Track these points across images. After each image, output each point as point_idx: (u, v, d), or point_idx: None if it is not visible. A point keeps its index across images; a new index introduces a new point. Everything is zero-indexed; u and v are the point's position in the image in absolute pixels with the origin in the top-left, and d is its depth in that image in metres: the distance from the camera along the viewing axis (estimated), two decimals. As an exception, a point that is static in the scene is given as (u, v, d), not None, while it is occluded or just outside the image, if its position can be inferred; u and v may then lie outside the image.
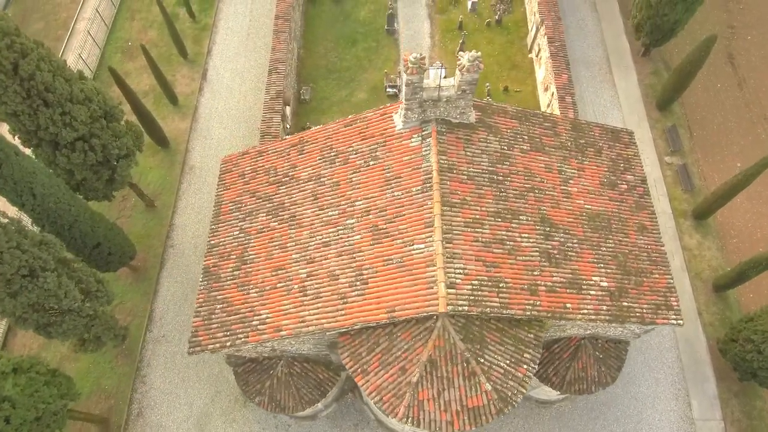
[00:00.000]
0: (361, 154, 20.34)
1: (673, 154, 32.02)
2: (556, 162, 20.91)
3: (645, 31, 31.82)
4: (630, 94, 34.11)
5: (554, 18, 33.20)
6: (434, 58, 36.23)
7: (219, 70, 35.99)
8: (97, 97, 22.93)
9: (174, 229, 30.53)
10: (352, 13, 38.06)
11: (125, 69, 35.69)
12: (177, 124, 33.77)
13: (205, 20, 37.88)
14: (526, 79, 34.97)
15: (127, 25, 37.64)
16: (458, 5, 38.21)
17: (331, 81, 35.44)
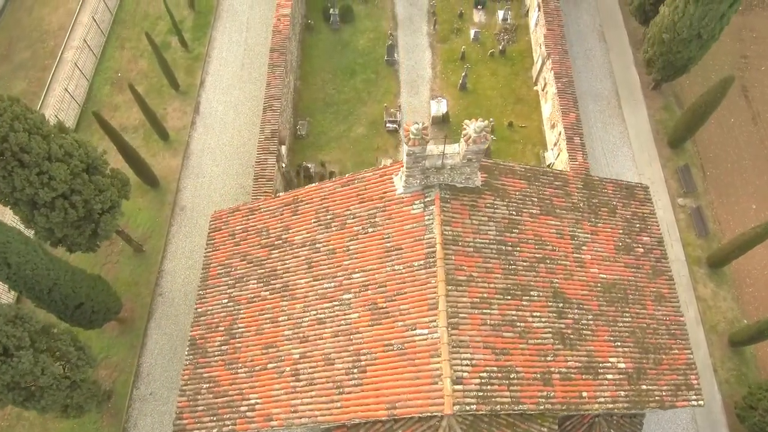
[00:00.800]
0: (359, 219, 18.95)
1: (686, 196, 30.64)
2: (568, 226, 19.52)
3: (657, 66, 30.46)
4: (640, 131, 32.73)
5: (561, 52, 31.85)
6: (435, 90, 34.88)
7: (212, 102, 34.59)
8: (78, 151, 21.52)
9: (163, 275, 29.09)
10: (350, 42, 36.70)
11: (114, 102, 34.31)
12: (168, 162, 32.35)
13: (198, 49, 36.50)
14: (531, 114, 33.60)
15: (116, 55, 36.24)
16: (460, 34, 36.86)
17: (329, 115, 34.06)
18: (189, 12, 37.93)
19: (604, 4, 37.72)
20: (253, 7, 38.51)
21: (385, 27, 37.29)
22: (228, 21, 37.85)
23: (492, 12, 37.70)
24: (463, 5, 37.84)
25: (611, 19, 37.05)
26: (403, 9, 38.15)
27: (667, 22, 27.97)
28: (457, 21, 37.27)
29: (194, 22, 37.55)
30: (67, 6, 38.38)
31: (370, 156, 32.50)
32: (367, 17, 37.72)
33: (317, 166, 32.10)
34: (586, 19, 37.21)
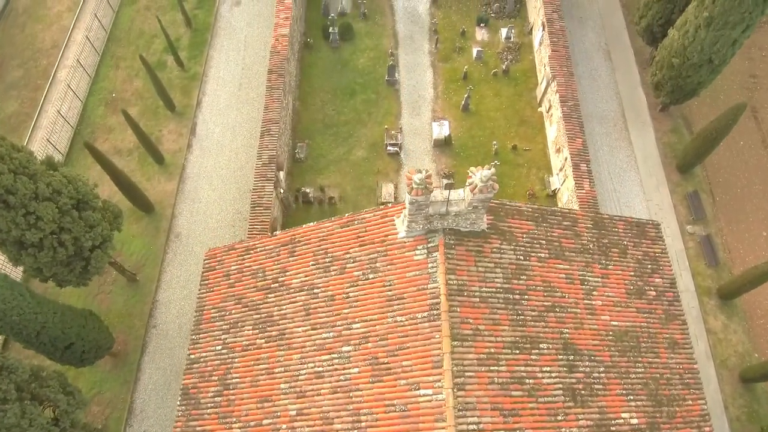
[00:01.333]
0: (359, 264, 18.12)
1: (695, 223, 29.81)
2: (578, 270, 18.70)
3: (665, 90, 29.65)
4: (648, 154, 31.90)
5: (566, 74, 31.05)
6: (437, 111, 34.05)
7: (209, 124, 33.76)
8: (67, 188, 20.70)
9: (157, 306, 28.24)
10: (350, 61, 35.87)
11: (108, 124, 33.48)
12: (163, 186, 31.51)
13: (195, 69, 35.67)
14: (536, 136, 32.77)
15: (111, 74, 35.40)
16: (462, 53, 36.04)
17: (328, 137, 33.24)
18: (185, 30, 37.12)
19: (610, 22, 36.91)
20: (251, 25, 37.69)
21: (386, 45, 36.49)
22: (225, 39, 37.03)
23: (495, 30, 36.89)
24: (465, 23, 37.03)
25: (617, 37, 36.24)
26: (403, 26, 37.34)
27: (676, 47, 27.16)
28: (459, 39, 36.45)
29: (191, 40, 36.73)
30: (61, 23, 37.57)
31: (371, 180, 31.68)
32: (367, 35, 36.90)
33: (316, 191, 31.28)
34: (592, 38, 36.39)
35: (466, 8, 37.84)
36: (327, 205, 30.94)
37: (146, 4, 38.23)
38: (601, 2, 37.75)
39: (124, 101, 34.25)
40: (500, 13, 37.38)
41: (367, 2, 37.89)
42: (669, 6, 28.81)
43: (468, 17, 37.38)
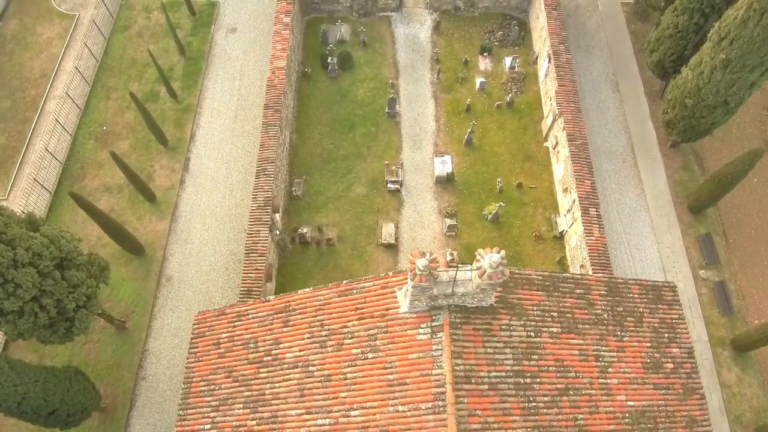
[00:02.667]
0: (357, 340, 16.91)
1: (708, 268, 28.64)
2: (592, 344, 17.51)
3: (677, 129, 28.50)
4: (658, 193, 30.72)
5: (574, 110, 29.88)
6: (439, 145, 32.87)
7: (203, 159, 32.56)
8: (49, 249, 19.50)
9: (147, 356, 27.03)
10: (349, 92, 34.68)
11: (98, 159, 32.26)
12: (154, 226, 30.29)
13: (189, 100, 34.47)
14: (541, 173, 31.58)
15: (101, 106, 34.19)
16: (465, 83, 34.86)
17: (327, 172, 32.04)
18: (179, 58, 35.92)
19: (618, 50, 35.75)
20: (247, 53, 36.51)
21: (386, 75, 35.31)
22: (220, 68, 35.84)
23: (498, 59, 35.72)
24: (468, 52, 35.86)
25: (625, 67, 35.07)
26: (404, 55, 36.16)
27: (690, 87, 26.00)
28: (461, 69, 35.28)
29: (184, 70, 35.53)
30: (50, 51, 36.36)
31: (370, 219, 30.50)
32: (366, 64, 35.72)
33: (314, 231, 30.09)
34: (599, 68, 35.23)
35: (468, 36, 36.67)
36: (325, 246, 29.75)
37: (138, 31, 37.05)
38: (608, 30, 36.59)
39: (115, 134, 33.06)
40: (504, 41, 36.21)
41: (367, 30, 36.72)
42: (682, 42, 27.65)
43: (471, 45, 36.21)
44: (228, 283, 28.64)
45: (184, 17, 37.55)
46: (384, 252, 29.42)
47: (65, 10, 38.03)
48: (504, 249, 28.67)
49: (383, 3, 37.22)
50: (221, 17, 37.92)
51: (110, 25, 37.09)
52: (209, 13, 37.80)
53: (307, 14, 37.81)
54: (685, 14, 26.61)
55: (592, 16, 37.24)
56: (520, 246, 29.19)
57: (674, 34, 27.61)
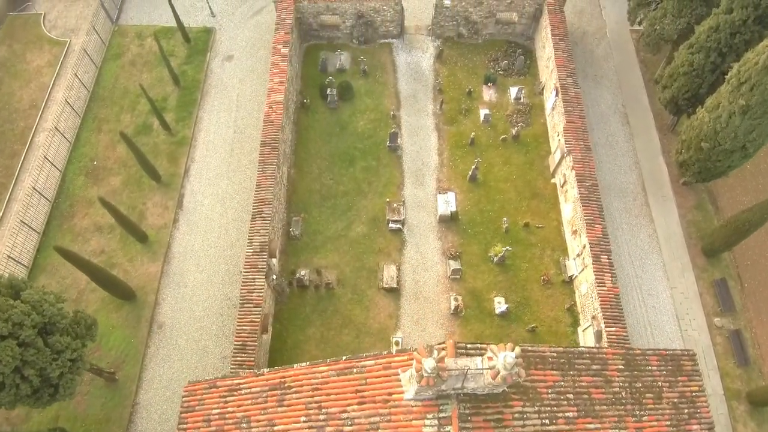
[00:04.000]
0: (358, 428, 15.70)
1: (723, 315, 27.46)
2: (610, 428, 16.30)
3: (692, 171, 27.40)
4: (671, 234, 29.53)
5: (583, 149, 28.70)
6: (442, 180, 31.67)
7: (197, 195, 31.36)
8: (30, 316, 18.34)
9: (138, 409, 25.82)
10: (349, 123, 33.48)
11: (88, 196, 31.05)
12: (146, 268, 29.09)
13: (183, 132, 33.27)
14: (549, 212, 30.38)
15: (92, 139, 32.98)
16: (469, 115, 33.67)
17: (326, 210, 30.83)
18: (173, 88, 34.74)
19: (627, 80, 34.58)
20: (243, 82, 35.33)
21: (387, 105, 34.12)
22: (216, 98, 34.66)
23: (503, 89, 34.53)
24: (472, 81, 34.68)
25: (635, 98, 33.89)
26: (406, 84, 34.97)
27: (707, 130, 24.83)
28: (465, 100, 34.10)
29: (179, 100, 34.34)
30: (40, 80, 35.18)
31: (371, 260, 29.30)
32: (367, 94, 34.53)
33: (312, 273, 28.88)
34: (608, 99, 34.05)
35: (472, 64, 35.49)
36: (324, 290, 28.54)
37: (131, 59, 35.86)
38: (617, 59, 35.42)
39: (106, 170, 31.87)
40: (509, 70, 35.02)
41: (368, 58, 35.55)
42: (697, 81, 26.50)
43: (474, 74, 35.02)
44: (222, 330, 27.45)
45: (179, 45, 36.37)
46: (385, 296, 28.24)
47: (56, 37, 36.87)
48: (511, 293, 27.77)
49: (384, 30, 36.06)
50: (217, 44, 36.74)
51: (102, 53, 35.91)
52: (204, 40, 36.61)
53: (306, 41, 36.64)
54: (701, 53, 25.44)
55: (600, 44, 36.08)
56: (528, 291, 28.00)
57: (689, 72, 26.46)
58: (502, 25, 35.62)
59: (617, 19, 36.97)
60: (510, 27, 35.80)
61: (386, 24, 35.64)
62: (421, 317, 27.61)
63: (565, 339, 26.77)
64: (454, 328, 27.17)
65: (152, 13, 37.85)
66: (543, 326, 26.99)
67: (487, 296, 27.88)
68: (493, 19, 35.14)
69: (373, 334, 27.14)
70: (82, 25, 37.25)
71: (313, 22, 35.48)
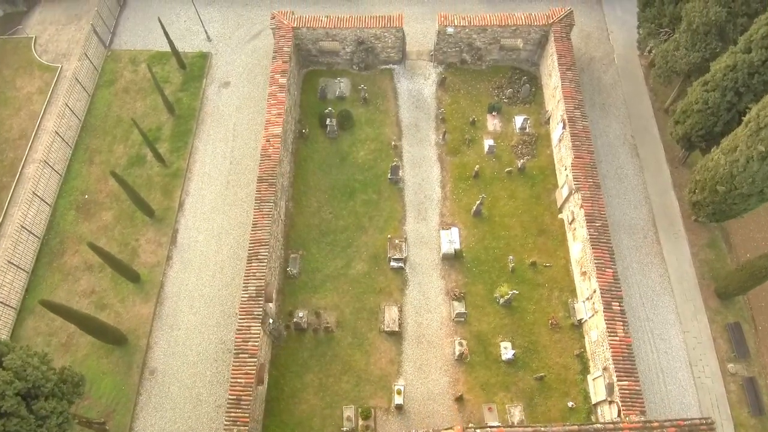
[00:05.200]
0: None
1: (736, 361, 26.43)
2: None
3: (705, 212, 26.34)
4: (683, 274, 28.49)
5: (592, 186, 27.67)
6: (446, 215, 30.63)
7: (191, 231, 30.29)
8: (13, 385, 17.32)
9: (129, 462, 24.76)
10: (349, 154, 32.43)
11: (79, 232, 30.00)
12: (138, 309, 28.03)
13: (178, 163, 32.21)
14: (557, 249, 29.33)
15: (84, 171, 31.91)
16: (473, 145, 32.63)
17: (325, 246, 29.77)
18: (167, 117, 33.69)
19: (636, 110, 33.54)
20: (240, 110, 34.28)
21: (388, 135, 33.08)
22: (212, 127, 33.60)
23: (508, 118, 33.48)
24: (476, 110, 33.64)
25: (644, 128, 32.86)
26: (408, 113, 33.93)
27: (723, 173, 23.79)
28: (469, 129, 33.06)
29: (173, 129, 33.30)
30: (30, 108, 34.16)
31: (372, 301, 28.26)
32: (367, 123, 33.48)
33: (310, 315, 27.82)
34: (616, 129, 33.00)
35: (476, 92, 34.45)
36: (323, 333, 27.49)
37: (125, 86, 34.82)
38: (625, 86, 34.38)
39: (98, 204, 30.83)
40: (514, 98, 33.97)
41: (368, 85, 34.51)
42: (712, 119, 25.46)
43: (478, 102, 33.97)
44: (217, 377, 26.41)
45: (174, 71, 35.33)
46: (387, 340, 27.20)
47: (47, 62, 35.85)
48: (518, 338, 26.69)
49: (385, 56, 35.03)
50: (213, 70, 35.70)
51: (94, 79, 34.86)
52: (200, 66, 35.56)
53: (305, 67, 35.60)
54: (717, 91, 24.41)
55: (608, 71, 35.05)
56: (535, 335, 26.95)
57: (703, 110, 25.42)
58: (507, 51, 34.60)
59: (625, 44, 35.94)
60: (515, 53, 34.78)
61: (387, 50, 34.61)
62: (424, 363, 26.54)
63: (575, 387, 25.71)
64: (459, 376, 26.11)
65: (146, 37, 36.81)
66: (551, 374, 25.93)
67: (492, 341, 26.82)
68: (497, 46, 34.11)
69: (374, 381, 26.08)
70: (74, 50, 36.22)
71: (312, 48, 34.44)
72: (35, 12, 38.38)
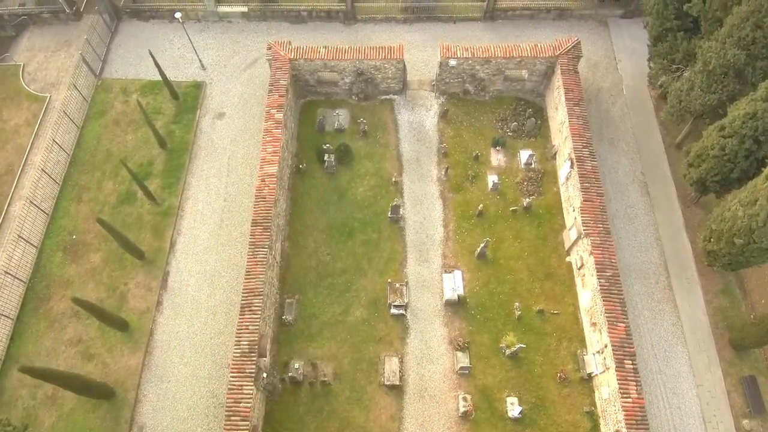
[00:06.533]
0: None
1: (752, 417, 25.26)
2: None
3: (721, 262, 25.12)
4: (696, 323, 27.26)
5: (602, 232, 26.43)
6: (448, 256, 29.39)
7: (183, 274, 29.05)
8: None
9: None
10: (348, 190, 31.19)
11: (66, 275, 28.79)
12: (126, 360, 26.79)
13: (170, 200, 30.96)
14: (565, 295, 28.09)
15: (72, 209, 30.67)
16: (476, 182, 31.37)
17: (322, 290, 28.54)
18: (159, 151, 32.43)
19: (646, 145, 32.31)
20: (235, 142, 33.05)
21: (389, 170, 31.85)
22: (206, 161, 32.36)
23: (513, 152, 32.26)
24: (479, 144, 32.39)
25: (655, 164, 31.62)
26: (409, 146, 32.70)
27: (741, 225, 22.57)
28: (472, 164, 31.82)
29: (165, 165, 32.06)
30: (17, 141, 32.96)
31: (371, 350, 27.04)
32: (367, 157, 32.25)
33: (306, 366, 26.57)
34: (626, 165, 31.75)
35: (479, 124, 33.23)
36: (319, 387, 26.24)
37: (115, 118, 33.59)
38: (634, 119, 33.14)
39: (86, 245, 29.60)
40: (518, 132, 32.73)
41: (368, 116, 33.31)
42: (729, 165, 24.24)
43: (481, 135, 32.74)
44: (209, 433, 25.15)
45: (166, 101, 34.10)
46: (387, 394, 25.97)
47: (35, 91, 34.65)
48: (525, 392, 25.36)
49: (385, 86, 33.79)
50: (208, 100, 34.47)
51: (84, 111, 33.63)
52: (194, 96, 34.33)
53: (303, 97, 34.38)
54: (735, 138, 23.19)
55: (617, 103, 33.81)
56: (543, 389, 25.71)
57: (720, 156, 24.19)
58: (511, 81, 33.37)
59: (634, 74, 34.72)
60: (519, 83, 33.56)
61: (387, 80, 33.40)
62: (427, 419, 25.30)
63: (584, 447, 24.47)
64: (462, 434, 24.87)
65: (138, 65, 35.57)
66: (560, 433, 24.72)
67: (498, 396, 25.59)
68: (502, 77, 32.87)
69: (374, 439, 24.85)
70: (64, 78, 35.00)
71: (310, 79, 33.22)
72: (24, 37, 37.15)
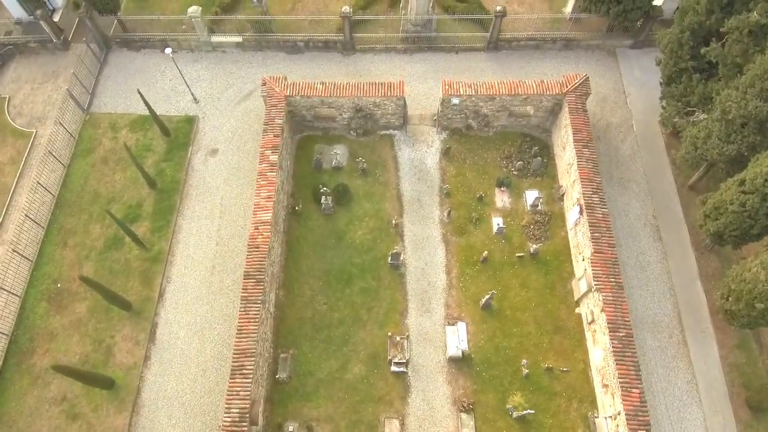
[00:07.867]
0: None
1: (775, 486, 23.79)
2: None
3: (739, 322, 23.65)
4: (712, 381, 25.88)
5: (615, 287, 25.03)
6: (452, 305, 28.01)
7: (172, 326, 27.68)
8: None
9: None
10: (346, 234, 29.80)
11: (50, 327, 27.43)
12: (112, 420, 25.44)
13: (159, 245, 29.57)
14: (574, 350, 26.70)
15: (57, 255, 29.28)
16: (480, 224, 29.99)
17: (318, 344, 27.17)
18: (149, 191, 31.03)
19: (658, 186, 30.90)
20: (229, 182, 31.65)
21: (389, 211, 30.47)
22: (197, 202, 30.97)
23: (518, 192, 30.86)
24: (483, 185, 31.01)
25: (667, 207, 30.22)
26: (409, 185, 31.30)
27: (762, 289, 21.16)
28: (476, 206, 30.44)
29: (155, 206, 30.66)
30: (1, 180, 31.55)
31: (370, 411, 25.63)
32: (366, 197, 30.86)
33: (301, 429, 25.23)
34: (636, 208, 30.34)
35: (483, 162, 31.84)
36: (316, 451, 24.85)
37: (103, 156, 32.20)
38: (645, 158, 31.74)
39: (71, 294, 28.23)
40: (524, 171, 31.33)
41: (367, 153, 31.97)
42: (749, 221, 22.85)
43: (485, 174, 31.35)
44: (198, 504, 23.77)
45: (157, 137, 32.73)
46: (387, 459, 24.55)
47: (20, 126, 33.30)
48: (532, 459, 23.97)
49: (385, 121, 32.43)
50: (200, 136, 33.08)
51: (71, 148, 32.24)
52: (186, 132, 32.94)
53: (299, 132, 33.02)
54: (756, 195, 21.79)
55: (626, 140, 32.41)
56: (551, 456, 24.34)
57: (739, 212, 22.78)
58: (516, 117, 32.00)
59: (644, 108, 33.33)
60: (524, 119, 32.20)
61: (387, 116, 32.06)
62: (428, 488, 23.93)
63: None
64: (467, 505, 23.48)
65: (128, 99, 34.18)
66: (569, 504, 23.33)
67: (504, 463, 24.21)
68: (506, 113, 31.49)
69: None
70: (50, 113, 33.66)
71: (307, 114, 31.87)
72: (9, 68, 35.79)
